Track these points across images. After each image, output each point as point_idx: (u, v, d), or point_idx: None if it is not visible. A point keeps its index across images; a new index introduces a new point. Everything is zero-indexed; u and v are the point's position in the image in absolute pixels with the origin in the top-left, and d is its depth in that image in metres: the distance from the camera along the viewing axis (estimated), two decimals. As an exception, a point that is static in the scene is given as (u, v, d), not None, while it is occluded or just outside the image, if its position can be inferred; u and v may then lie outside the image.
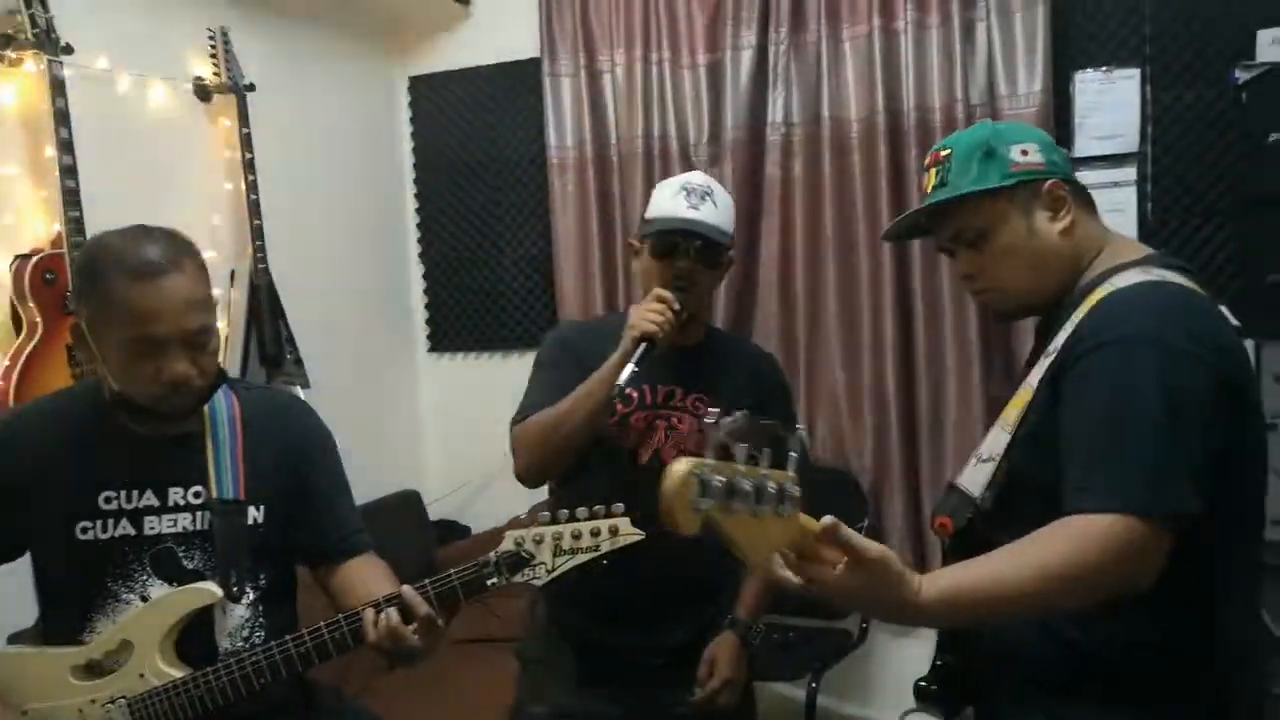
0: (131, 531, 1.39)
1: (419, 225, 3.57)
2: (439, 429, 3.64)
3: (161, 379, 1.32)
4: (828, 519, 1.00)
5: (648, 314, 1.68)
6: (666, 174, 3.13)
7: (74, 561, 1.39)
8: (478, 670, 2.83)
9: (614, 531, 1.31)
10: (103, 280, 1.30)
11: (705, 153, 3.10)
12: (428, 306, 3.60)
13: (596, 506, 1.33)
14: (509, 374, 3.51)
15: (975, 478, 1.29)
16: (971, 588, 1.09)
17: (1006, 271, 1.33)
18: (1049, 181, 1.30)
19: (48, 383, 2.06)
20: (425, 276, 3.58)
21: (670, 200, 1.79)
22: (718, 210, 1.80)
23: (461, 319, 3.55)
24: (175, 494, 1.41)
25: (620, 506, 1.33)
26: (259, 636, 1.44)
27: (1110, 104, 2.77)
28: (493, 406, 3.49)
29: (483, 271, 3.49)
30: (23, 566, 1.53)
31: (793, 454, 1.00)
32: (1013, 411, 1.27)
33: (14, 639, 1.74)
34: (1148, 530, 1.07)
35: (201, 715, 1.36)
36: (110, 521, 1.39)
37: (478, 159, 3.45)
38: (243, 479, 1.43)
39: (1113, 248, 1.33)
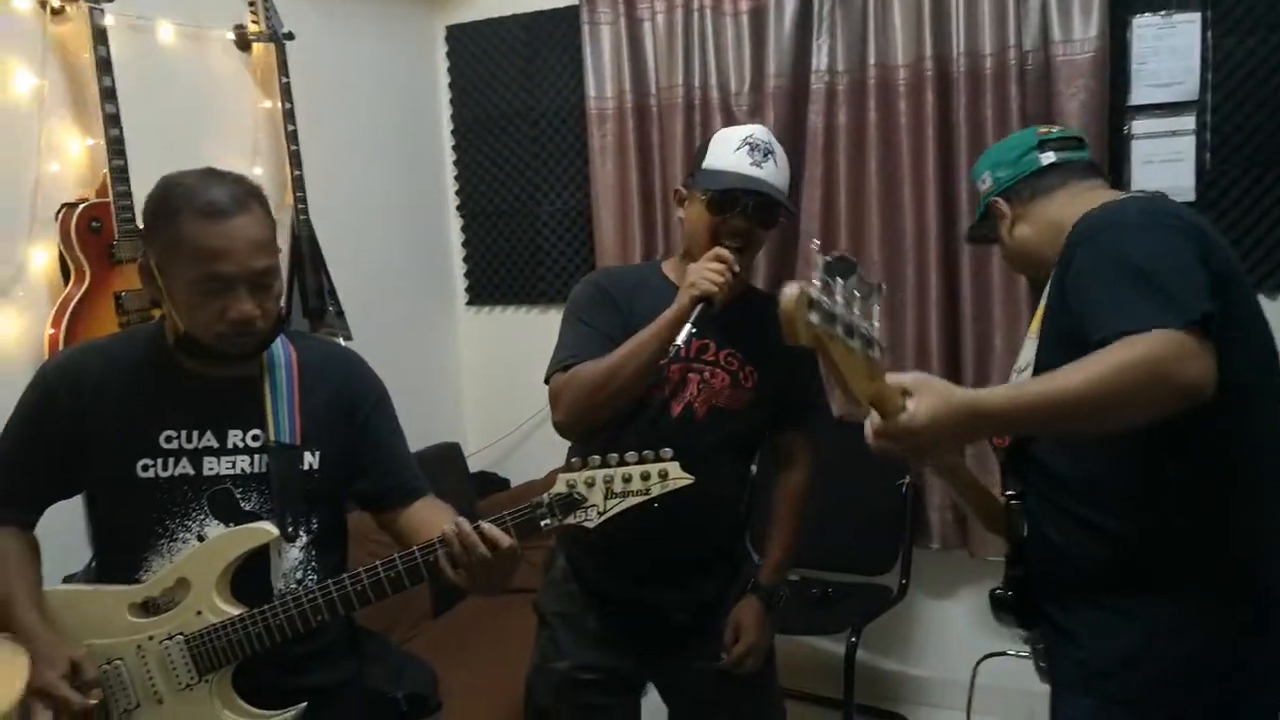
0: (191, 471, 1.41)
1: (457, 177, 3.55)
2: (478, 382, 3.65)
3: (227, 318, 1.34)
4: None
5: (708, 273, 1.64)
6: (707, 125, 3.09)
7: (134, 499, 1.41)
8: (517, 619, 2.87)
9: (664, 475, 1.33)
10: (173, 219, 1.31)
11: (746, 102, 3.04)
12: (466, 259, 3.59)
13: (646, 451, 1.34)
14: (548, 327, 3.46)
15: None
16: (1032, 385, 1.23)
17: (1016, 269, 1.66)
18: (989, 203, 1.58)
19: (96, 329, 2.08)
20: (464, 229, 3.57)
21: (733, 155, 1.74)
22: (778, 170, 1.76)
23: (500, 272, 3.54)
24: (234, 436, 1.43)
25: (669, 451, 1.34)
26: (312, 579, 1.46)
27: (1169, 50, 2.67)
28: (531, 360, 3.48)
29: (521, 224, 3.47)
30: (74, 516, 1.55)
31: (876, 307, 1.06)
32: (1035, 323, 1.45)
33: (67, 581, 1.78)
34: (1186, 337, 1.15)
35: (256, 653, 1.38)
36: (170, 460, 1.41)
37: (516, 109, 3.41)
38: (299, 424, 1.44)
39: (1088, 202, 1.44)
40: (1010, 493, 1.51)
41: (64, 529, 1.58)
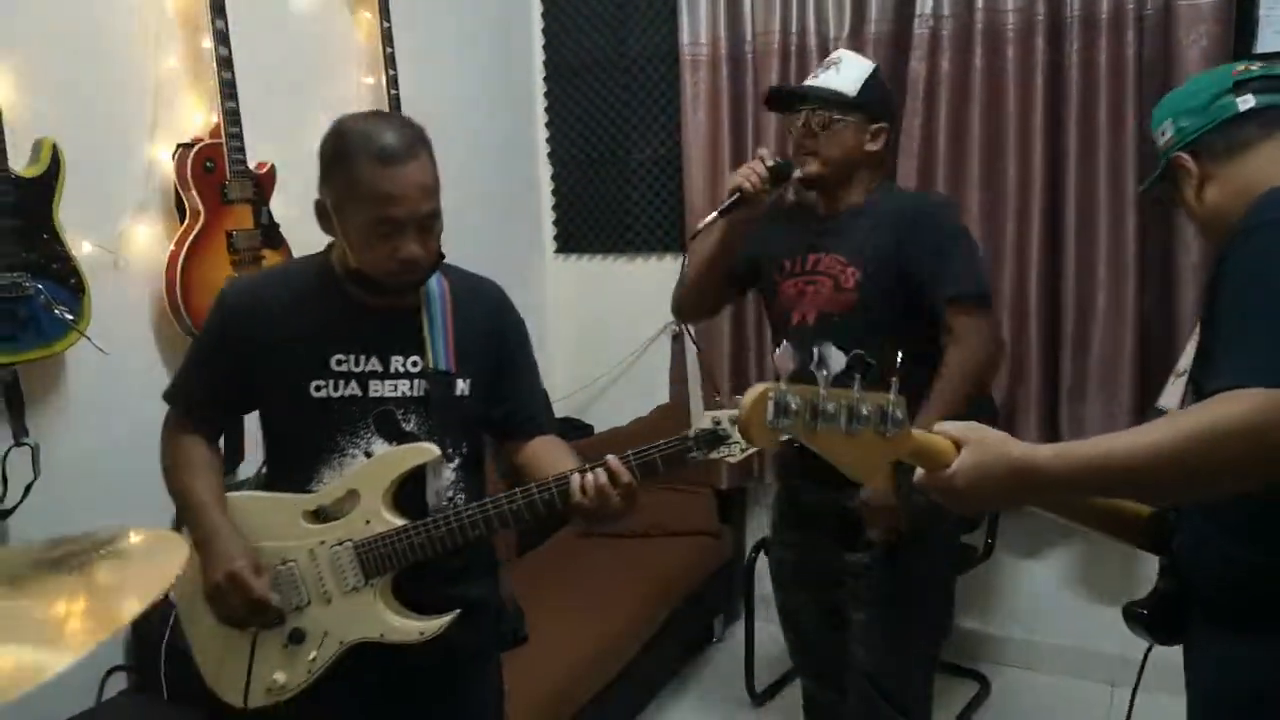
0: (358, 393, 1.51)
1: (548, 124, 3.55)
2: (564, 329, 3.67)
3: (397, 258, 1.42)
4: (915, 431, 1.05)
5: (742, 169, 1.92)
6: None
7: (308, 417, 1.51)
8: (598, 561, 2.94)
9: None
10: (350, 164, 1.39)
11: (845, 48, 2.96)
12: (555, 207, 3.60)
13: None
14: (634, 276, 3.51)
15: (1173, 395, 1.28)
16: (1092, 444, 1.04)
17: (1202, 233, 1.38)
18: (1171, 159, 1.30)
19: (209, 266, 2.15)
20: (553, 176, 3.58)
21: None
22: (839, 76, 1.92)
23: (588, 220, 3.54)
24: (396, 362, 1.52)
25: None
26: (460, 498, 1.55)
27: (1301, -7, 2.52)
28: (617, 309, 3.55)
29: (610, 172, 3.46)
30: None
31: (894, 380, 1.03)
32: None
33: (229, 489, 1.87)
34: None
35: (417, 561, 1.48)
36: (340, 382, 1.50)
37: (608, 55, 3.38)
38: (453, 353, 1.53)
39: None
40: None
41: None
